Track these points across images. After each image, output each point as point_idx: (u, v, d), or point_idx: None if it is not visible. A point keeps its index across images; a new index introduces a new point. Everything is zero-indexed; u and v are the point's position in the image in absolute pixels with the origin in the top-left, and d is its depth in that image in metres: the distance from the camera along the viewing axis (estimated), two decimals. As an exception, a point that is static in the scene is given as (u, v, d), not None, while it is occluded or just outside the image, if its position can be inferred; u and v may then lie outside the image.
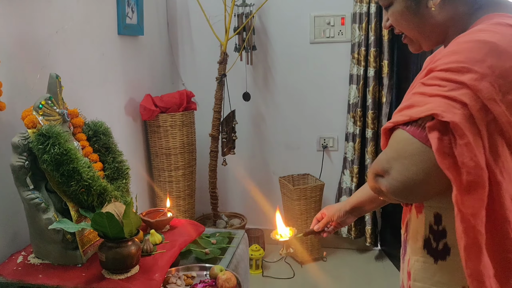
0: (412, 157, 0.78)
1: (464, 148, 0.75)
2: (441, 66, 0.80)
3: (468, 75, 0.77)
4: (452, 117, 0.75)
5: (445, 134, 0.76)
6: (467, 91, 0.76)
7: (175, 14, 2.92)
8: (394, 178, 0.80)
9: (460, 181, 0.76)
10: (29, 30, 1.59)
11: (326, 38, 2.79)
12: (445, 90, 0.77)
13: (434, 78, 0.80)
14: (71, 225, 1.28)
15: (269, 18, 2.81)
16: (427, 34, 0.95)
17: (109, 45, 2.17)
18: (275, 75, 2.89)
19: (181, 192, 2.61)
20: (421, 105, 0.79)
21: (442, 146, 0.75)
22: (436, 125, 0.76)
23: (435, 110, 0.76)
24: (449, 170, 0.76)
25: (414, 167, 0.78)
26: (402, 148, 0.80)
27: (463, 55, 0.79)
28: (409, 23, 0.94)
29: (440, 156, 0.75)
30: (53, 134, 1.32)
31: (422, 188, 0.80)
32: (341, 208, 1.32)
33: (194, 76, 2.96)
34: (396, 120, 0.82)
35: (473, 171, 0.75)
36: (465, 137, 0.75)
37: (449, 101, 0.76)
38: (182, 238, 1.61)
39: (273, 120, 2.93)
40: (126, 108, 2.38)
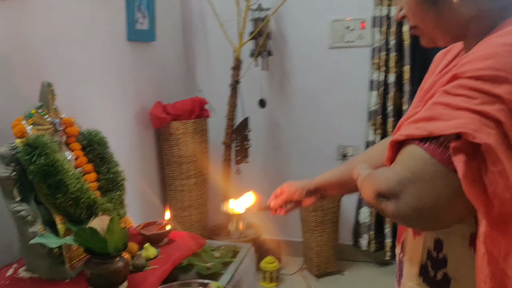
0: (432, 181, 0.65)
1: (498, 176, 0.62)
2: (471, 72, 0.67)
3: (505, 87, 0.64)
4: (486, 138, 0.62)
5: (473, 158, 0.63)
6: (503, 107, 0.63)
7: (190, 19, 2.87)
8: (406, 203, 0.67)
9: (491, 214, 0.63)
10: (25, 34, 1.57)
11: (345, 43, 2.68)
12: (476, 103, 0.64)
13: (461, 87, 0.66)
14: (54, 240, 1.23)
15: (286, 22, 2.73)
16: (445, 29, 0.82)
17: (118, 51, 2.14)
18: (292, 81, 2.79)
19: (193, 201, 2.55)
20: (445, 119, 0.65)
21: (470, 172, 0.63)
22: (464, 146, 0.63)
23: (465, 129, 0.63)
24: (478, 201, 0.63)
25: (433, 193, 0.65)
26: (419, 169, 0.66)
27: (500, 60, 0.65)
28: (426, 14, 0.82)
29: (468, 184, 0.62)
30: (40, 144, 1.28)
31: (436, 217, 0.68)
32: (304, 187, 1.19)
33: (210, 82, 2.91)
34: (411, 134, 0.68)
35: (508, 203, 0.62)
36: (499, 163, 0.62)
37: (481, 118, 0.63)
38: (178, 252, 1.54)
39: (289, 128, 2.84)
40: (137, 116, 2.34)
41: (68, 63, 1.79)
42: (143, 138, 2.41)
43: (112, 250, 1.25)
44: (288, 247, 2.92)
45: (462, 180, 0.62)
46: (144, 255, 1.48)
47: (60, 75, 1.75)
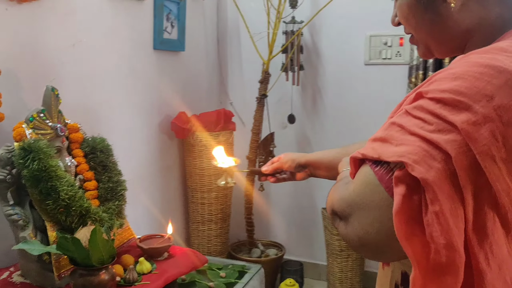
0: (377, 211, 0.58)
1: (434, 217, 0.53)
2: (434, 93, 0.57)
3: (464, 115, 0.54)
4: (424, 172, 0.53)
5: (416, 192, 0.54)
6: (457, 138, 0.54)
7: (225, 31, 2.84)
8: (353, 229, 0.61)
9: (425, 260, 0.54)
10: (41, 40, 1.58)
11: (382, 60, 2.55)
12: (429, 130, 0.55)
13: (421, 108, 0.58)
14: (37, 247, 1.20)
15: (321, 36, 2.63)
16: (441, 38, 0.71)
17: (142, 60, 2.13)
18: (324, 98, 2.69)
19: (213, 215, 2.49)
20: (394, 144, 0.58)
21: (408, 208, 0.54)
22: (406, 177, 0.55)
23: (406, 158, 0.55)
24: (409, 241, 0.54)
25: (377, 224, 0.58)
26: (366, 194, 0.60)
27: (467, 83, 0.55)
28: (418, 20, 0.71)
29: (401, 221, 0.54)
30: (34, 148, 1.26)
31: (381, 250, 0.60)
32: (296, 159, 1.17)
33: (241, 95, 2.86)
34: (365, 153, 0.61)
35: (442, 251, 0.53)
36: (437, 203, 0.53)
37: (429, 148, 0.54)
38: (174, 269, 1.48)
39: (319, 145, 2.72)
40: (161, 126, 2.33)
41: (87, 70, 1.79)
42: (166, 148, 2.38)
43: (96, 262, 1.20)
44: (311, 270, 2.80)
45: (394, 215, 0.54)
46: (138, 269, 1.43)
47: (79, 81, 1.76)
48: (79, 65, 1.74)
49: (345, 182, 0.67)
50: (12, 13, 1.47)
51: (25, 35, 1.52)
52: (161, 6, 2.20)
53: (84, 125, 1.60)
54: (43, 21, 1.58)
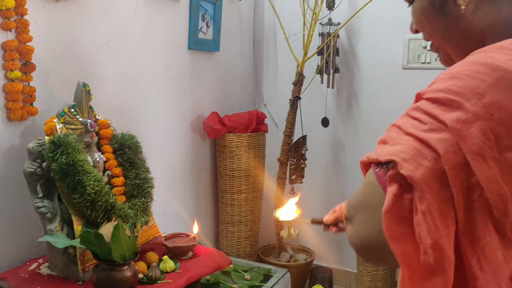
0: (376, 212, 0.57)
1: (422, 216, 0.52)
2: (430, 93, 0.59)
3: (455, 113, 0.54)
4: (412, 170, 0.53)
5: (408, 191, 0.54)
6: (447, 136, 0.53)
7: (262, 33, 2.82)
8: (355, 230, 0.63)
9: (416, 262, 0.53)
10: (76, 37, 1.61)
11: (421, 64, 2.47)
12: (424, 129, 0.56)
13: (418, 109, 0.59)
14: (61, 240, 1.22)
15: (358, 38, 2.58)
16: (455, 42, 0.71)
17: (177, 59, 2.15)
18: (360, 101, 2.63)
19: (243, 217, 2.48)
20: (390, 144, 0.59)
21: (399, 207, 0.54)
22: (398, 176, 0.55)
23: (396, 156, 0.55)
24: (399, 242, 0.53)
25: (378, 225, 0.57)
26: (368, 195, 0.61)
27: (461, 83, 0.56)
28: (433, 25, 0.72)
29: (391, 220, 0.54)
30: (63, 143, 1.28)
31: (385, 253, 0.58)
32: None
33: (276, 97, 2.83)
34: (369, 156, 0.63)
35: (429, 251, 0.52)
36: (424, 201, 0.52)
37: (421, 146, 0.55)
38: (197, 269, 1.47)
39: (354, 150, 2.66)
40: (193, 125, 2.33)
41: (121, 68, 1.81)
42: (198, 148, 2.39)
43: (117, 258, 1.21)
44: (341, 277, 2.74)
45: (383, 214, 0.54)
46: (161, 267, 1.43)
47: (113, 79, 1.78)
48: (113, 63, 1.77)
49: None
50: (49, 10, 1.50)
51: (60, 32, 1.55)
52: (197, 6, 2.21)
53: (117, 122, 1.63)
54: (79, 19, 1.61)
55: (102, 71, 1.72)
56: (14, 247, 1.47)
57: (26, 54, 1.41)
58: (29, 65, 1.43)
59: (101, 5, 1.68)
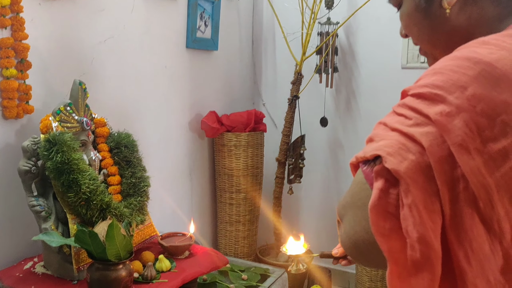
0: (364, 208, 0.56)
1: (407, 210, 0.51)
2: (415, 89, 0.58)
3: (439, 107, 0.54)
4: (397, 163, 0.52)
5: (394, 186, 0.53)
6: (432, 130, 0.53)
7: (261, 32, 2.81)
8: (345, 230, 0.61)
9: (403, 257, 0.52)
10: (73, 36, 1.60)
11: (421, 64, 2.46)
12: (409, 124, 0.56)
13: (403, 105, 0.58)
14: (56, 239, 1.21)
15: (357, 38, 2.57)
16: (442, 44, 0.71)
17: (175, 58, 2.14)
18: (359, 101, 2.62)
19: (241, 216, 2.47)
20: (377, 140, 0.58)
21: (385, 203, 0.53)
22: (383, 171, 0.54)
23: (381, 151, 0.55)
24: (386, 237, 0.53)
25: (364, 222, 0.57)
26: (356, 193, 0.61)
27: (444, 77, 0.56)
28: (419, 28, 0.72)
29: (377, 216, 0.53)
30: (58, 141, 1.27)
31: (374, 252, 0.57)
32: None
33: (274, 97, 2.82)
34: (357, 155, 0.61)
35: (416, 245, 0.51)
36: (410, 195, 0.51)
37: (406, 141, 0.54)
38: (193, 269, 1.46)
39: (353, 150, 2.65)
40: (191, 124, 2.32)
41: (118, 66, 1.80)
42: (196, 147, 2.38)
43: (112, 257, 1.20)
44: (340, 278, 2.73)
45: (370, 209, 0.53)
46: (157, 267, 1.43)
47: (110, 77, 1.77)
48: (110, 61, 1.76)
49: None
50: (45, 8, 1.50)
51: (57, 30, 1.54)
52: (195, 5, 2.20)
53: (115, 121, 1.62)
54: (76, 17, 1.60)
55: (99, 69, 1.71)
56: (9, 246, 1.46)
57: (21, 52, 1.40)
58: (25, 63, 1.42)
59: (99, 3, 1.68)
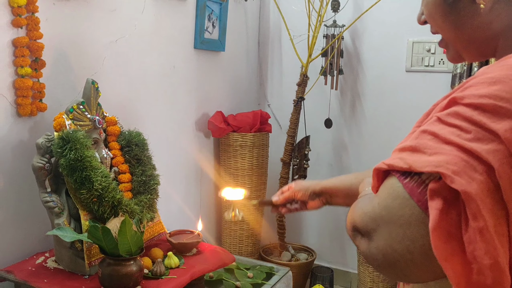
0: (407, 227, 0.53)
1: (478, 235, 0.49)
2: (470, 98, 0.53)
3: (507, 122, 0.50)
4: (466, 184, 0.49)
5: (453, 206, 0.50)
6: (500, 147, 0.49)
7: (267, 34, 2.85)
8: (377, 246, 0.56)
9: (466, 281, 0.50)
10: (85, 35, 1.63)
11: (425, 67, 2.49)
12: (468, 138, 0.51)
13: (456, 115, 0.54)
14: (69, 234, 1.24)
15: (362, 41, 2.60)
16: (467, 40, 0.68)
17: (183, 59, 2.17)
18: (364, 103, 2.65)
19: (246, 216, 2.50)
20: (428, 153, 0.53)
21: (446, 224, 0.50)
22: (443, 190, 0.50)
23: (444, 168, 0.50)
24: (449, 261, 0.50)
25: (406, 242, 0.53)
26: (395, 209, 0.55)
27: (508, 87, 0.52)
28: (445, 19, 0.68)
29: (439, 238, 0.50)
30: (72, 139, 1.30)
31: (408, 270, 0.55)
32: (309, 187, 1.09)
33: (280, 98, 2.85)
34: (393, 164, 0.56)
35: (487, 272, 0.49)
36: (481, 218, 0.48)
37: (469, 158, 0.50)
38: (201, 266, 1.49)
39: (356, 151, 2.69)
40: (198, 124, 2.35)
41: (128, 66, 1.83)
42: (202, 146, 2.41)
43: (123, 253, 1.23)
44: (342, 278, 2.75)
45: (431, 231, 0.49)
46: (166, 263, 1.45)
47: (120, 76, 1.80)
48: (120, 61, 1.79)
49: (368, 197, 0.63)
50: (59, 7, 1.53)
51: (70, 30, 1.57)
52: (204, 6, 2.23)
53: (123, 119, 1.65)
54: (88, 17, 1.63)
55: (110, 68, 1.74)
56: (21, 240, 1.49)
57: (36, 50, 1.43)
58: (39, 61, 1.46)
59: (111, 3, 1.71)
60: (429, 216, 0.51)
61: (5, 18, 1.37)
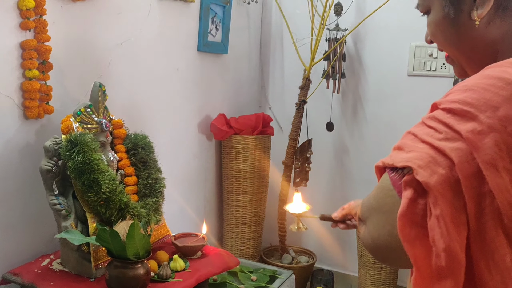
0: (389, 214, 0.61)
1: (435, 221, 0.55)
2: (445, 103, 0.61)
3: (470, 124, 0.56)
4: (427, 176, 0.56)
5: (422, 197, 0.57)
6: (461, 146, 0.56)
7: (269, 37, 2.85)
8: (369, 231, 0.66)
9: (427, 264, 0.56)
10: (91, 38, 1.63)
11: (427, 71, 2.50)
12: (438, 138, 0.58)
13: (434, 118, 0.61)
14: (78, 237, 1.25)
15: (364, 44, 2.61)
16: (468, 54, 0.74)
17: (186, 61, 2.17)
18: (365, 107, 2.66)
19: (247, 218, 2.50)
20: (406, 150, 0.61)
21: (412, 212, 0.57)
22: (413, 182, 0.58)
23: (411, 163, 0.58)
24: (412, 244, 0.57)
25: (389, 227, 0.61)
26: (381, 198, 0.65)
27: (476, 95, 0.58)
28: (446, 36, 0.74)
29: (405, 224, 0.57)
30: (80, 141, 1.31)
31: (396, 254, 0.62)
32: None
33: (281, 101, 2.86)
34: (384, 161, 0.65)
35: (442, 254, 0.55)
36: (438, 207, 0.55)
37: (436, 154, 0.57)
38: (207, 269, 1.50)
39: (357, 155, 2.70)
40: (200, 126, 2.36)
41: (133, 68, 1.84)
42: (205, 149, 2.41)
43: (131, 256, 1.23)
44: (342, 281, 2.76)
45: (398, 217, 0.57)
46: (171, 266, 1.46)
47: (125, 79, 1.81)
48: (126, 63, 1.79)
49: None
50: (67, 10, 1.53)
51: (77, 32, 1.58)
52: (207, 9, 2.23)
53: (128, 122, 1.65)
54: (95, 20, 1.63)
55: (115, 71, 1.75)
56: (26, 242, 1.49)
57: (44, 53, 1.44)
58: (47, 64, 1.46)
59: (117, 6, 1.71)
60: None
61: (13, 21, 1.38)
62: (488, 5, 0.68)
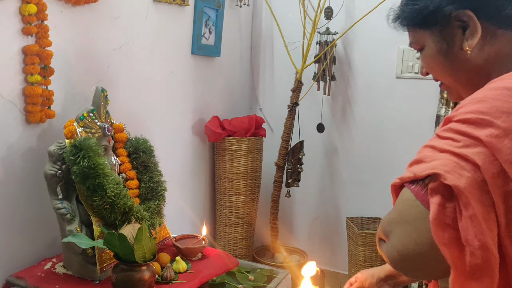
0: (414, 223, 0.64)
1: (469, 221, 0.59)
2: (460, 116, 0.66)
3: (487, 130, 0.62)
4: (456, 180, 0.60)
5: (450, 201, 0.61)
6: (483, 150, 0.61)
7: (259, 39, 2.89)
8: (393, 245, 0.67)
9: (462, 264, 0.59)
10: (90, 43, 1.65)
11: (415, 74, 2.57)
12: (458, 146, 0.63)
13: (449, 130, 0.66)
14: (85, 241, 1.26)
15: (354, 48, 2.66)
16: (464, 81, 0.81)
17: (181, 64, 2.19)
18: (355, 108, 2.71)
19: (240, 219, 2.54)
20: (427, 161, 0.65)
21: (443, 215, 0.60)
22: (440, 187, 0.61)
23: (438, 169, 0.61)
24: (447, 246, 0.60)
25: (415, 235, 0.64)
26: (404, 210, 0.67)
27: (488, 104, 0.64)
28: (442, 68, 0.82)
29: (438, 227, 0.60)
30: (84, 146, 1.32)
31: (423, 263, 0.65)
32: (375, 274, 1.18)
33: (272, 102, 2.90)
34: (402, 177, 0.68)
35: (477, 252, 0.58)
36: (470, 207, 0.59)
37: (459, 160, 0.61)
38: (208, 270, 1.53)
39: (347, 156, 2.75)
40: (194, 128, 2.38)
41: (131, 72, 1.85)
42: (198, 151, 2.44)
43: (139, 259, 1.26)
44: (332, 279, 2.82)
45: (432, 222, 0.60)
46: (174, 268, 1.48)
47: (122, 82, 1.82)
48: (124, 67, 1.81)
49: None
50: (67, 15, 1.54)
51: (77, 37, 1.59)
52: (201, 12, 2.26)
53: (127, 125, 1.67)
54: (94, 24, 1.65)
55: (114, 75, 1.76)
56: (29, 246, 1.50)
57: (45, 58, 1.45)
58: (48, 69, 1.47)
59: (115, 10, 1.72)
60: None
61: (15, 26, 1.38)
62: (477, 36, 0.75)
